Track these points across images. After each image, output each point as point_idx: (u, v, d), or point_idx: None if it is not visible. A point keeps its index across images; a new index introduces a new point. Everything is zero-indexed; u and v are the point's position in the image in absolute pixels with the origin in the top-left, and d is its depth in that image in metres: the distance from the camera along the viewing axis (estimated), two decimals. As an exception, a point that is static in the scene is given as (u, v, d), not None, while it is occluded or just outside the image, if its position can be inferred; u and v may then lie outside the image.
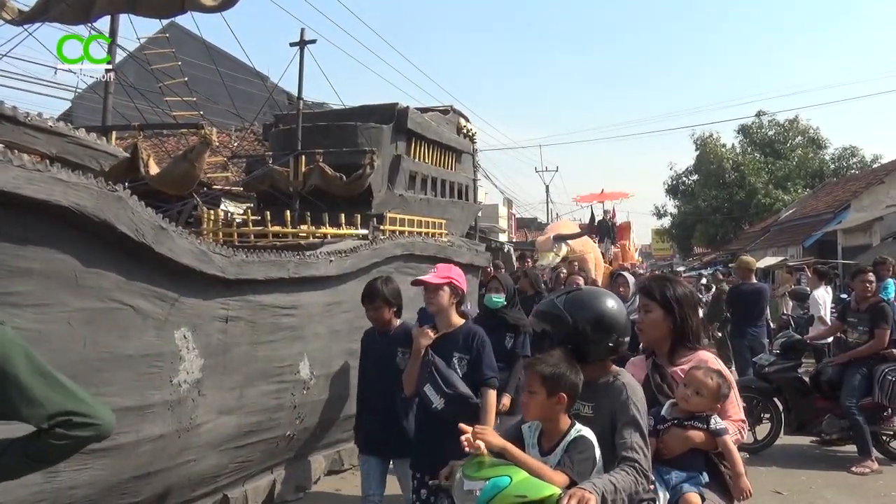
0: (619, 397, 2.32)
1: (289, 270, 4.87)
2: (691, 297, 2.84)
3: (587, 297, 2.46)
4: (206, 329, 4.20)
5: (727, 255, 30.75)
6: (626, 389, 2.34)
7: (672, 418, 2.59)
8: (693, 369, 2.61)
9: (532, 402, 2.25)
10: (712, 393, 2.56)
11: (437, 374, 3.41)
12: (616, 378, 2.40)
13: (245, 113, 10.31)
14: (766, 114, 37.63)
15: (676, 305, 2.72)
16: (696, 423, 2.56)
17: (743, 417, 2.72)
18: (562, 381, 2.22)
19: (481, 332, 3.61)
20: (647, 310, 2.75)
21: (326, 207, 6.88)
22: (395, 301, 4.04)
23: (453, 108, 10.24)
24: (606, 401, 2.34)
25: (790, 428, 6.56)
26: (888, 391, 5.95)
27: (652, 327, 2.73)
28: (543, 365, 2.25)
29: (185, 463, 4.19)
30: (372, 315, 4.06)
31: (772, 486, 5.54)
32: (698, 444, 2.55)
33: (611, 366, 2.45)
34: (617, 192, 24.36)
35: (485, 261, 9.51)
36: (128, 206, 3.53)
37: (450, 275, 3.56)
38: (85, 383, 3.45)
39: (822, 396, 6.44)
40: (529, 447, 2.30)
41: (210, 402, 4.26)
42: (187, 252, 3.94)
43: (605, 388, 2.37)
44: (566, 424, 2.26)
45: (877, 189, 22.42)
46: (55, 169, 3.16)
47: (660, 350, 2.75)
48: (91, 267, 3.46)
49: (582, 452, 2.19)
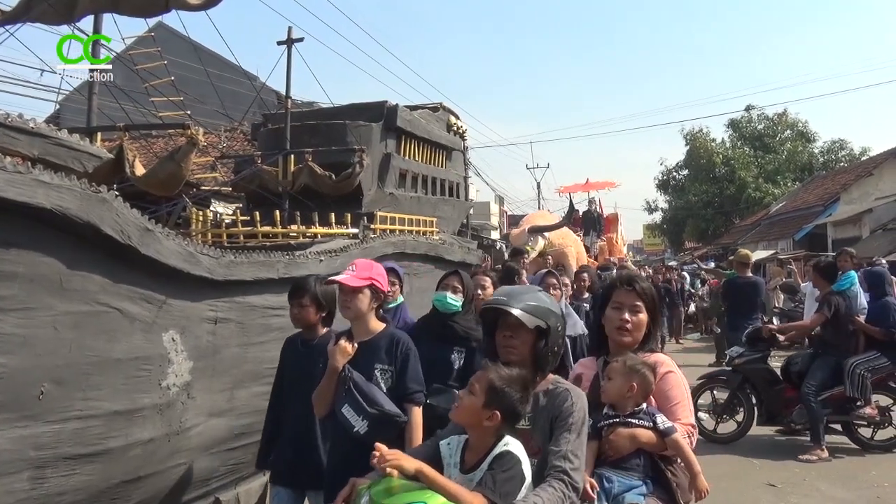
0: (561, 404, 2.16)
1: (278, 271, 4.83)
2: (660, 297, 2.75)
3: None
4: (195, 331, 4.16)
5: (718, 249, 30.90)
6: (570, 395, 2.19)
7: (615, 415, 2.43)
8: (612, 363, 2.48)
9: (466, 402, 2.03)
10: (620, 373, 2.41)
11: (357, 392, 2.89)
12: (557, 385, 2.25)
13: (233, 112, 10.25)
14: (755, 108, 37.97)
15: (656, 306, 2.60)
16: (641, 420, 2.39)
17: (693, 423, 2.52)
18: (504, 401, 2.01)
19: (406, 339, 3.11)
20: (636, 310, 2.55)
21: (316, 207, 6.85)
22: (326, 304, 3.46)
23: (443, 105, 10.21)
24: (546, 410, 2.18)
25: (761, 419, 6.67)
26: (858, 384, 6.13)
27: (639, 328, 2.56)
28: (497, 374, 2.05)
29: (175, 466, 4.15)
30: (296, 314, 3.46)
31: (765, 479, 5.55)
32: (645, 443, 2.37)
33: (549, 375, 2.30)
34: (602, 181, 23.87)
35: (476, 258, 9.49)
36: (112, 207, 3.48)
37: (371, 274, 3.05)
38: (72, 388, 3.43)
39: (792, 387, 6.56)
40: (450, 466, 2.07)
41: (200, 404, 4.22)
42: (174, 253, 3.89)
43: (546, 397, 2.21)
44: (494, 437, 2.04)
45: (866, 181, 22.63)
46: (37, 171, 3.11)
47: (622, 352, 2.56)
48: (76, 270, 3.41)
49: (507, 470, 1.95)
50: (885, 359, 6.29)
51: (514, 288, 2.58)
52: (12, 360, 3.12)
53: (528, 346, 2.24)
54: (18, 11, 5.08)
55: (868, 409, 6.27)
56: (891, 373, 6.35)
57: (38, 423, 3.29)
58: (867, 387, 6.16)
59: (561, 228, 13.73)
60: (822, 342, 6.55)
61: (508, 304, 2.24)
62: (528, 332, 2.22)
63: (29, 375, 3.22)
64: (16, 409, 3.18)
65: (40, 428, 3.30)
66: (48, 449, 3.35)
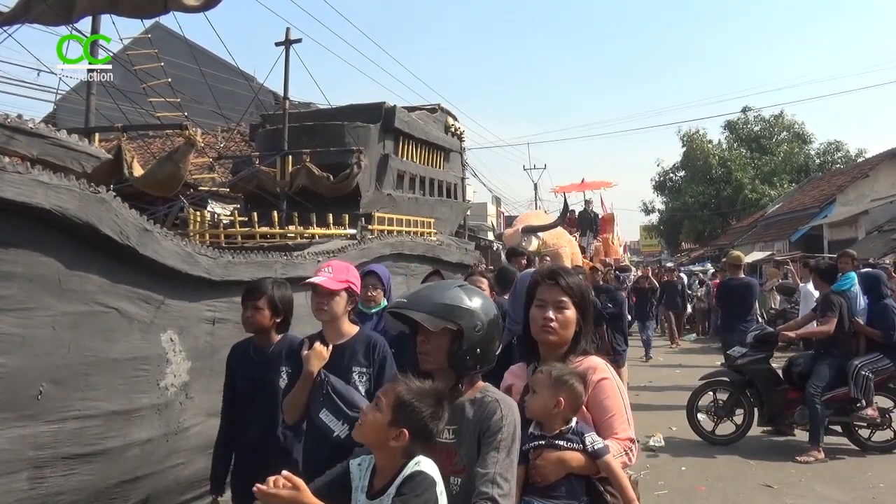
0: (490, 417, 1.93)
1: (276, 271, 4.84)
2: (591, 292, 2.41)
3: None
4: (193, 331, 4.17)
5: (715, 250, 30.97)
6: (500, 407, 1.95)
7: (540, 436, 2.17)
8: (536, 373, 2.21)
9: (370, 419, 1.78)
10: (545, 386, 2.14)
11: (336, 396, 2.74)
12: (486, 395, 2.01)
13: (231, 113, 10.25)
14: (751, 109, 38.09)
15: (586, 302, 2.33)
16: (570, 443, 2.13)
17: (632, 436, 2.22)
18: (413, 417, 1.78)
19: (383, 342, 3.01)
20: (561, 306, 2.26)
21: (314, 207, 6.86)
22: (282, 309, 3.24)
23: (441, 106, 10.24)
24: (473, 422, 1.95)
25: (763, 420, 6.65)
26: (862, 386, 6.12)
27: (566, 328, 2.27)
28: (406, 388, 1.81)
29: (173, 467, 4.15)
30: (249, 317, 3.19)
31: (761, 480, 5.56)
32: (576, 467, 2.11)
33: (479, 381, 2.08)
34: (599, 181, 23.39)
35: (473, 259, 9.51)
36: (111, 207, 3.49)
37: (347, 277, 2.97)
38: (71, 388, 3.44)
39: (794, 388, 6.55)
40: (358, 490, 1.85)
41: (198, 404, 4.22)
42: (172, 254, 3.91)
43: (472, 407, 1.98)
44: (403, 457, 1.80)
45: (862, 183, 22.71)
46: (36, 171, 3.12)
47: (553, 355, 2.29)
48: (74, 270, 3.42)
49: (419, 495, 1.73)
50: (888, 360, 6.27)
51: (426, 287, 2.30)
52: (11, 359, 3.13)
53: (444, 352, 2.00)
54: (17, 12, 5.09)
55: (870, 411, 6.25)
56: (892, 374, 6.34)
57: (36, 423, 3.29)
58: (870, 388, 6.15)
59: (555, 228, 13.59)
60: (823, 343, 6.50)
61: (409, 307, 2.02)
62: (441, 335, 1.99)
63: (27, 375, 3.22)
64: (14, 409, 3.19)
65: (39, 428, 3.31)
66: (47, 449, 3.35)
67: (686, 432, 7.07)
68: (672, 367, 11.90)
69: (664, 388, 9.68)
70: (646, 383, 10.05)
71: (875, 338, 6.39)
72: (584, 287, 2.35)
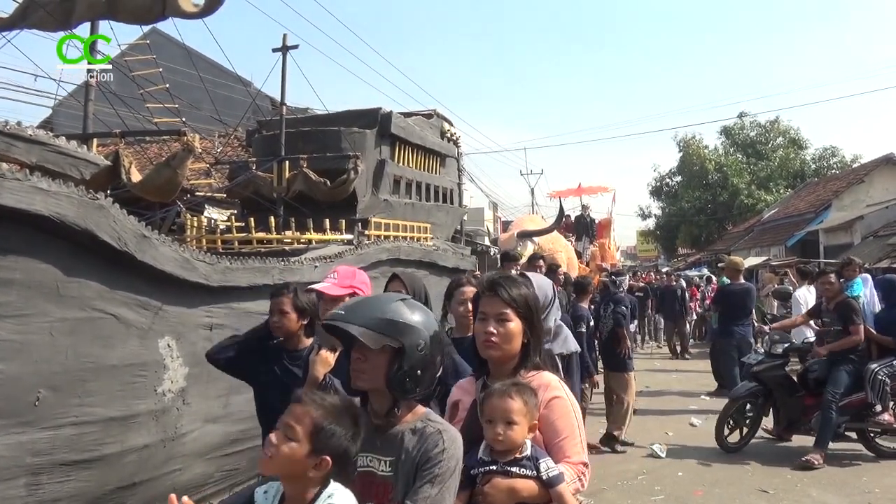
0: (430, 449, 1.78)
1: (273, 277, 4.85)
2: (538, 302, 2.27)
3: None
4: (191, 337, 4.18)
5: (711, 255, 31.03)
6: (442, 439, 1.79)
7: (491, 461, 1.99)
8: (487, 399, 2.02)
9: (286, 452, 1.58)
10: (522, 412, 1.97)
11: None
12: (428, 424, 1.84)
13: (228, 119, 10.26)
14: (747, 115, 38.09)
15: (533, 312, 2.16)
16: (522, 469, 1.96)
17: (585, 460, 2.07)
18: (335, 443, 1.61)
19: None
20: (502, 319, 2.10)
21: (311, 213, 6.88)
22: (308, 311, 3.25)
23: (437, 111, 10.27)
24: (413, 454, 1.80)
25: (779, 427, 6.58)
26: (879, 390, 6.06)
27: (508, 341, 2.10)
28: (321, 410, 1.62)
29: (170, 472, 4.16)
30: (276, 322, 3.20)
31: (757, 485, 5.58)
32: (527, 497, 1.96)
33: (418, 406, 1.91)
34: (596, 186, 23.11)
35: (470, 265, 9.53)
36: (109, 214, 3.50)
37: (353, 283, 2.92)
38: (68, 394, 3.45)
39: (810, 394, 6.45)
40: None
41: (195, 410, 4.23)
42: (170, 260, 3.92)
43: (413, 437, 1.82)
44: (319, 486, 1.65)
45: (857, 188, 22.75)
46: (35, 178, 3.14)
47: (502, 369, 2.13)
48: (73, 276, 3.43)
49: None
50: None
51: (365, 299, 2.13)
52: (9, 366, 3.14)
53: (382, 372, 1.82)
54: (16, 18, 5.11)
55: (886, 416, 6.16)
56: None
57: (34, 430, 3.30)
58: (887, 393, 6.09)
59: (551, 233, 13.50)
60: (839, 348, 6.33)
61: (345, 320, 1.83)
62: (380, 354, 1.82)
63: (25, 382, 3.23)
64: (12, 416, 3.19)
65: (36, 434, 3.31)
66: (44, 455, 3.36)
67: (683, 437, 7.09)
68: (668, 372, 11.92)
69: (661, 393, 9.71)
70: (642, 388, 10.08)
71: (888, 345, 6.27)
72: (529, 297, 2.17)
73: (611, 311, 7.29)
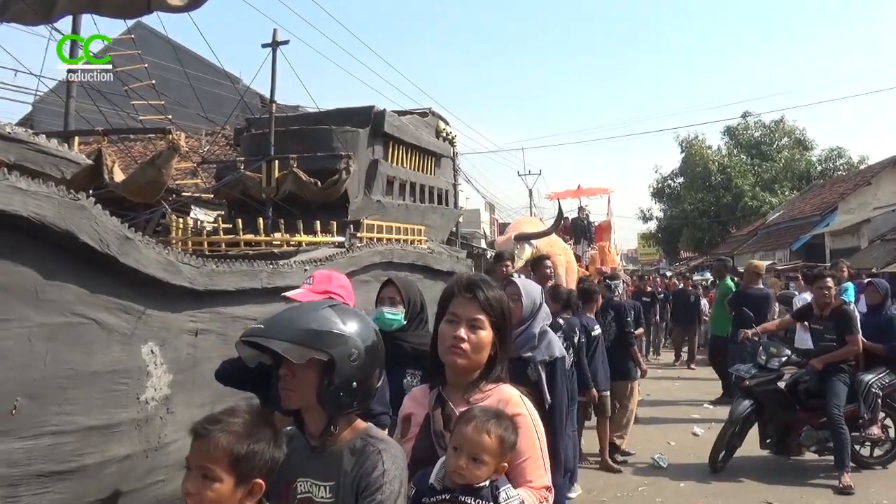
0: (369, 472, 1.65)
1: (261, 280, 4.71)
2: (510, 311, 2.11)
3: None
4: (175, 343, 4.03)
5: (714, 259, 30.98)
6: (381, 461, 1.67)
7: (443, 489, 1.84)
8: (461, 424, 1.85)
9: (211, 497, 1.48)
10: (495, 452, 1.82)
11: None
12: (368, 442, 1.72)
13: (215, 116, 10.09)
14: (752, 115, 37.55)
15: (505, 323, 2.02)
16: (479, 500, 1.81)
17: (548, 484, 1.94)
18: (258, 461, 1.52)
19: None
20: (476, 325, 1.95)
21: (301, 214, 6.74)
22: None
23: (432, 110, 10.13)
24: (351, 476, 1.68)
25: (769, 443, 6.35)
26: (871, 404, 5.94)
27: (478, 351, 1.95)
28: (231, 437, 1.51)
29: (153, 484, 4.01)
30: None
31: (761, 497, 5.49)
32: None
33: (357, 421, 1.79)
34: (595, 187, 22.49)
35: (466, 268, 9.41)
36: (91, 215, 3.36)
37: (328, 287, 2.77)
38: (47, 402, 3.30)
39: (802, 408, 6.27)
40: None
41: (179, 419, 4.08)
42: (154, 262, 3.78)
43: (353, 458, 1.70)
44: None
45: (864, 191, 22.50)
46: (13, 177, 3.01)
47: (461, 379, 1.98)
48: (52, 279, 3.29)
49: None
50: (895, 375, 6.10)
51: (290, 309, 1.91)
52: (-17, 374, 2.98)
53: (312, 387, 1.69)
54: (-6, 10, 4.92)
55: (874, 429, 6.05)
56: (893, 390, 6.16)
57: (10, 439, 3.16)
58: (878, 406, 5.97)
59: (549, 236, 13.13)
60: None
61: (266, 335, 1.68)
62: (309, 368, 1.68)
63: (1, 390, 3.09)
64: (-14, 426, 3.04)
65: (13, 444, 3.17)
66: (20, 466, 3.22)
67: (685, 447, 6.98)
68: (671, 380, 11.78)
69: (662, 403, 9.57)
70: (643, 396, 9.96)
71: (878, 353, 6.15)
72: (505, 304, 2.04)
73: (611, 319, 7.11)
